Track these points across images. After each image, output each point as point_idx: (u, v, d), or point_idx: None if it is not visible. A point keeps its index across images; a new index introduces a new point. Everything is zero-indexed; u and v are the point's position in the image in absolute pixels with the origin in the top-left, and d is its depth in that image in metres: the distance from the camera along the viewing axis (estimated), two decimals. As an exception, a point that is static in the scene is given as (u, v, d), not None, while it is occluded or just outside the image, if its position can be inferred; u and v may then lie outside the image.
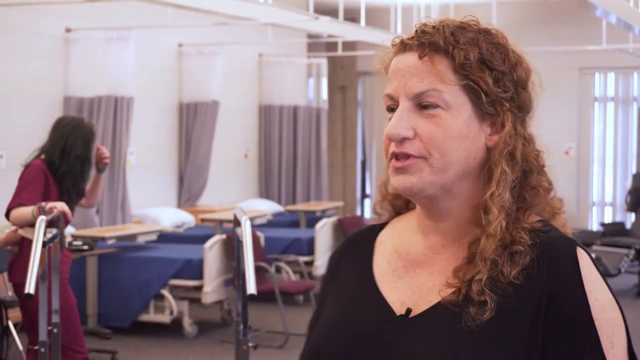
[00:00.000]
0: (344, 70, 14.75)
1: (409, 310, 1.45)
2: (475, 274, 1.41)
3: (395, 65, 1.51)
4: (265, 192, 12.77)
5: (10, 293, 7.48)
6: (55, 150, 5.33)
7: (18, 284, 5.18)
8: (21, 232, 5.29)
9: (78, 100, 9.46)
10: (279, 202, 12.61)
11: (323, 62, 13.19)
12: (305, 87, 13.21)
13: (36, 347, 4.62)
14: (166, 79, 11.01)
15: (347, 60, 14.47)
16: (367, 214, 14.99)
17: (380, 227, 1.61)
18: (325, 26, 9.55)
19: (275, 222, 11.30)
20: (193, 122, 11.07)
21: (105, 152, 5.60)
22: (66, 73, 9.46)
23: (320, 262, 9.57)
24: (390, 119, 1.50)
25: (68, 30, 9.48)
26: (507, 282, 1.40)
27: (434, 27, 1.47)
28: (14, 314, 7.45)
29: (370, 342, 1.46)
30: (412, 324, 1.44)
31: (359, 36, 10.65)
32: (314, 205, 12.12)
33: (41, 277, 4.58)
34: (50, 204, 4.91)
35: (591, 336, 1.39)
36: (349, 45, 13.01)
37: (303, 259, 9.40)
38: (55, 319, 4.90)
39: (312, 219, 11.27)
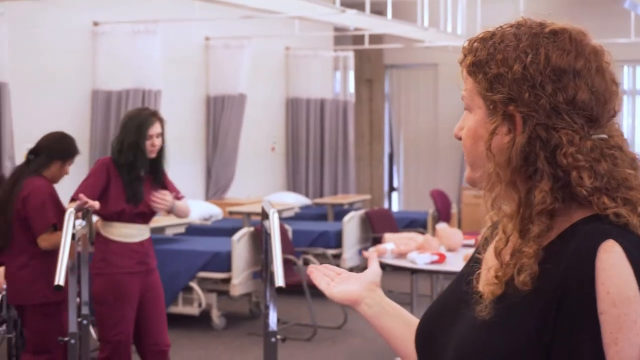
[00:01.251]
0: (370, 63, 14.73)
1: (480, 295, 1.54)
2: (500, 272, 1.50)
3: None
4: (293, 185, 12.78)
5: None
6: (116, 143, 5.33)
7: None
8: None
9: (106, 94, 9.50)
10: (307, 195, 12.62)
11: (350, 55, 13.17)
12: (332, 80, 13.20)
13: (66, 339, 4.65)
14: (193, 72, 11.03)
15: (373, 53, 14.45)
16: (395, 207, 14.98)
17: None
18: (352, 19, 9.53)
19: (303, 215, 11.31)
20: (220, 115, 11.10)
21: (156, 198, 5.30)
22: (94, 66, 9.51)
23: (348, 255, 9.56)
24: None
25: (96, 23, 9.52)
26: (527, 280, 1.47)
27: (478, 35, 1.59)
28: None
29: (448, 319, 1.57)
30: (473, 305, 1.52)
31: (385, 29, 10.63)
32: (341, 198, 12.11)
33: (70, 270, 4.61)
34: (84, 199, 4.92)
35: (592, 328, 1.40)
36: (376, 38, 12.99)
37: (331, 251, 9.40)
38: (85, 310, 4.94)
39: (340, 212, 11.27)
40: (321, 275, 1.89)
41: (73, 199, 5.11)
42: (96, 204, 4.92)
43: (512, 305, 1.44)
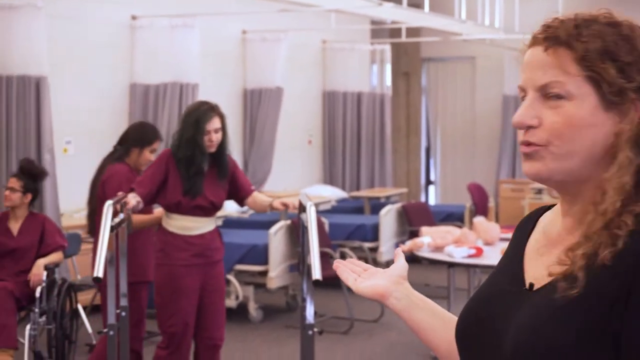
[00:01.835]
0: (407, 56, 14.69)
1: (531, 285, 1.54)
2: (579, 251, 1.47)
3: (525, 59, 1.57)
4: (330, 178, 12.79)
5: (80, 276, 7.61)
6: (175, 137, 5.34)
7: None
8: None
9: (144, 87, 9.56)
10: (343, 188, 12.62)
11: (387, 48, 13.14)
12: (369, 73, 13.18)
13: (105, 330, 4.69)
14: (230, 66, 11.07)
15: (411, 46, 14.41)
16: (432, 200, 14.94)
17: (549, 207, 1.69)
18: (389, 12, 9.52)
19: (340, 208, 11.32)
20: (257, 109, 11.13)
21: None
22: (132, 60, 9.57)
23: (385, 248, 9.56)
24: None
25: (134, 17, 9.57)
26: (601, 263, 1.44)
27: (560, 20, 1.54)
28: (83, 297, 7.58)
29: (496, 311, 1.56)
30: (528, 297, 1.52)
31: (422, 22, 10.60)
32: (378, 192, 12.11)
33: (109, 261, 4.65)
34: (123, 194, 4.96)
35: None
36: (413, 31, 12.95)
37: (367, 245, 9.39)
38: (123, 302, 4.97)
39: (376, 205, 11.26)
40: (348, 270, 1.88)
41: (132, 189, 5.15)
42: (131, 200, 4.93)
43: (582, 292, 1.43)
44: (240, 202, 5.55)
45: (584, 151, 1.49)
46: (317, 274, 4.28)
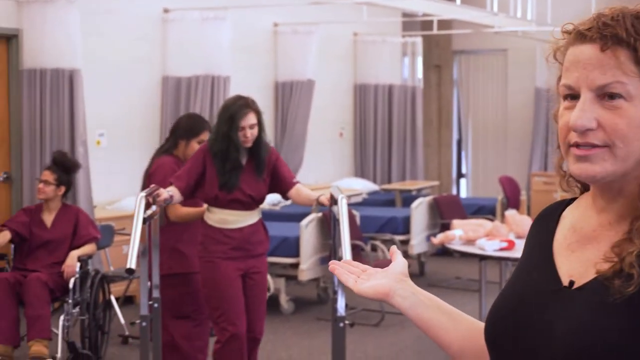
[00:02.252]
0: (439, 49, 14.65)
1: (571, 283, 1.51)
2: (630, 248, 1.45)
3: (574, 57, 1.51)
4: (361, 171, 12.79)
5: (112, 268, 7.67)
6: (212, 132, 5.37)
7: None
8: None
9: (176, 80, 9.60)
10: (374, 181, 12.62)
11: (418, 41, 13.11)
12: (400, 66, 13.15)
13: (137, 321, 4.72)
14: (262, 58, 11.08)
15: (442, 38, 14.36)
16: (463, 193, 14.90)
17: (569, 202, 1.68)
18: (421, 4, 9.51)
19: (371, 200, 11.31)
20: (288, 101, 11.14)
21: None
22: (164, 53, 9.61)
23: (416, 241, 9.55)
24: (566, 107, 1.52)
25: (166, 10, 9.61)
26: None
27: (613, 18, 1.49)
28: (116, 288, 7.63)
29: (532, 309, 1.54)
30: (571, 295, 1.50)
31: (454, 14, 10.57)
32: (409, 184, 12.09)
33: (142, 253, 4.68)
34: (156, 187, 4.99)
35: None
36: (445, 24, 12.91)
37: (398, 237, 9.38)
38: (156, 294, 5.01)
39: (408, 198, 11.24)
40: (346, 272, 1.81)
41: (170, 183, 5.18)
42: (163, 193, 4.94)
43: (637, 289, 1.42)
44: (283, 195, 5.52)
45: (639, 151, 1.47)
46: (348, 266, 4.29)
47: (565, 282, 1.52)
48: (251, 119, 5.27)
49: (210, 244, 5.28)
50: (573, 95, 1.50)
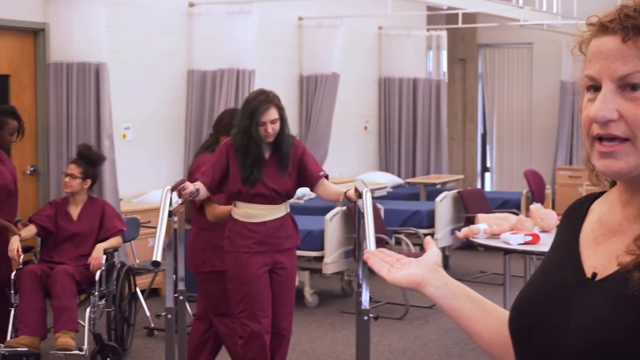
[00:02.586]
0: (464, 43, 14.61)
1: (594, 275, 1.51)
2: None
3: (597, 48, 1.51)
4: (385, 165, 12.79)
5: (138, 260, 7.72)
6: (235, 126, 5.34)
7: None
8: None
9: (201, 74, 9.64)
10: (399, 174, 12.61)
11: (443, 35, 13.08)
12: (425, 60, 13.13)
13: (162, 314, 4.75)
14: (287, 52, 11.10)
15: (467, 32, 14.33)
16: (488, 187, 14.87)
17: (598, 195, 1.68)
18: (446, -2, 9.49)
19: (395, 194, 11.31)
20: (313, 95, 11.16)
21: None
22: (189, 47, 9.64)
23: (441, 235, 9.54)
24: (589, 99, 1.51)
25: (191, 4, 9.65)
26: None
27: (636, 9, 1.48)
28: (141, 281, 7.68)
29: (554, 301, 1.54)
30: (592, 287, 1.50)
31: (479, 8, 10.54)
32: (433, 178, 12.08)
33: (167, 246, 4.71)
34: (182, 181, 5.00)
35: None
36: (469, 17, 12.88)
37: (423, 231, 9.38)
38: (181, 286, 5.03)
39: (432, 192, 11.23)
40: (379, 261, 1.84)
41: (197, 179, 5.20)
42: (189, 186, 4.96)
43: None
44: (311, 189, 5.49)
45: None
46: (372, 260, 4.29)
47: (589, 275, 1.52)
48: (272, 114, 5.22)
49: (235, 238, 5.28)
50: (596, 87, 1.50)
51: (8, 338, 5.98)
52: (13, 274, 6.12)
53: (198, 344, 5.71)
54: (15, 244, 6.02)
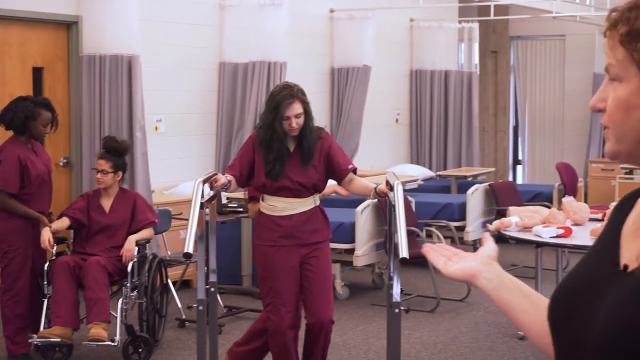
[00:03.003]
0: (496, 35, 14.55)
1: (625, 267, 1.52)
2: None
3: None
4: (416, 157, 12.77)
5: (170, 252, 7.75)
6: (259, 120, 5.33)
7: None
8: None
9: (232, 66, 9.65)
10: (430, 167, 12.58)
11: (475, 27, 13.02)
12: (457, 52, 13.09)
13: (194, 305, 4.77)
14: (318, 44, 11.10)
15: (499, 24, 14.26)
16: (519, 180, 14.80)
17: None
18: (478, -11, 9.44)
19: (426, 187, 11.28)
20: (344, 87, 11.15)
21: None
22: (221, 39, 9.66)
23: (472, 228, 9.51)
24: None
25: (223, -3, 9.67)
26: None
27: (615, 8, 1.54)
28: (173, 272, 7.72)
29: (587, 292, 1.55)
30: (621, 278, 1.51)
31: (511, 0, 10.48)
32: (465, 171, 12.04)
33: (199, 238, 4.72)
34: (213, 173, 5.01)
35: None
36: (502, 9, 12.81)
37: (454, 224, 9.35)
38: (213, 278, 5.05)
39: (463, 185, 11.20)
40: (437, 254, 1.92)
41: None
42: (221, 178, 4.97)
43: None
44: (339, 182, 5.45)
45: (636, 132, 1.49)
46: (404, 252, 4.29)
47: (622, 266, 1.53)
48: (296, 108, 5.16)
49: (261, 231, 5.27)
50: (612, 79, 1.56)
51: (41, 329, 6.03)
52: (46, 265, 6.18)
53: (260, 328, 5.64)
54: (46, 235, 6.07)
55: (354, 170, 5.44)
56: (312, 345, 5.36)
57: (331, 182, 5.49)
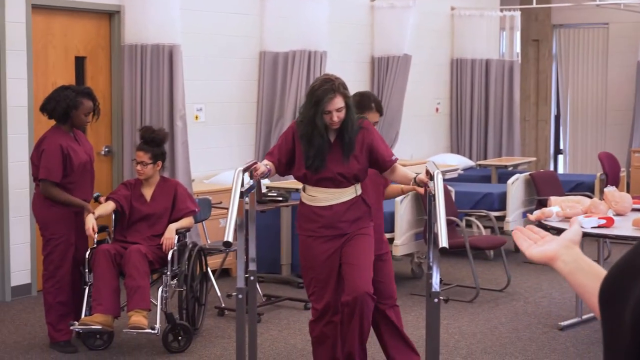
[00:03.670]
0: (537, 23, 14.43)
1: None
2: None
3: None
4: (456, 147, 12.71)
5: (209, 241, 7.78)
6: (300, 112, 5.25)
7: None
8: None
9: (273, 55, 9.66)
10: (470, 156, 12.53)
11: (517, 15, 12.93)
12: (498, 41, 13.00)
13: (234, 294, 4.78)
14: (358, 34, 11.07)
15: (541, 12, 14.14)
16: (561, 170, 14.70)
17: None
18: (520, -22, 9.36)
19: (466, 176, 11.24)
20: (384, 76, 11.12)
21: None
22: (261, 29, 9.67)
23: (512, 218, 9.46)
24: None
25: (263, -14, 9.67)
26: None
27: None
28: (213, 261, 7.75)
29: (628, 273, 1.56)
30: None
31: (554, -13, 10.38)
32: (505, 161, 11.97)
33: (238, 227, 4.74)
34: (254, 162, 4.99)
35: None
36: (544, -3, 12.70)
37: (494, 214, 9.30)
38: (252, 267, 5.06)
39: (504, 174, 11.14)
40: (523, 237, 1.95)
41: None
42: (261, 167, 4.95)
43: None
44: (381, 173, 5.36)
45: None
46: (443, 242, 4.27)
47: None
48: (337, 102, 5.08)
49: (302, 221, 5.25)
50: None
51: (82, 316, 6.09)
52: (87, 253, 6.23)
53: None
54: (90, 222, 6.11)
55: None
56: (348, 322, 5.19)
57: (408, 171, 5.32)
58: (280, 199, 7.92)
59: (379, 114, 5.73)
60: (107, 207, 6.36)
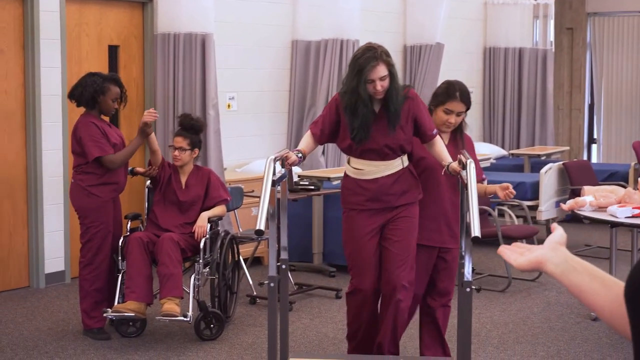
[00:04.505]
0: (572, 11, 14.32)
1: None
2: None
3: None
4: (489, 136, 12.66)
5: (241, 229, 7.80)
6: (344, 82, 5.12)
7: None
8: None
9: (305, 44, 9.66)
10: (503, 145, 12.47)
11: (550, 3, 12.84)
12: (532, 29, 12.92)
13: (266, 282, 4.79)
14: (391, 22, 11.04)
15: (575, 0, 14.03)
16: (594, 159, 14.60)
17: None
18: (554, -35, 9.30)
19: (499, 165, 11.19)
20: (417, 65, 11.08)
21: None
22: (294, 17, 9.67)
23: (545, 207, 9.41)
24: None
25: (296, -25, 9.66)
26: None
27: None
28: (245, 249, 7.77)
29: None
30: None
31: (589, -25, 10.29)
32: (538, 150, 11.90)
33: (270, 216, 4.74)
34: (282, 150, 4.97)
35: None
36: (578, -15, 12.60)
37: (527, 203, 9.26)
38: (284, 255, 5.07)
39: (537, 164, 11.08)
40: (510, 251, 1.95)
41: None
42: (292, 156, 4.91)
43: None
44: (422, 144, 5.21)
45: None
46: (476, 231, 4.26)
47: None
48: (381, 71, 4.94)
49: (347, 194, 5.16)
50: None
51: (115, 303, 6.13)
52: (120, 240, 6.26)
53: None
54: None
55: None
56: (383, 313, 5.17)
57: (444, 153, 5.16)
58: (312, 187, 7.93)
59: (464, 105, 5.36)
60: (154, 140, 6.46)
